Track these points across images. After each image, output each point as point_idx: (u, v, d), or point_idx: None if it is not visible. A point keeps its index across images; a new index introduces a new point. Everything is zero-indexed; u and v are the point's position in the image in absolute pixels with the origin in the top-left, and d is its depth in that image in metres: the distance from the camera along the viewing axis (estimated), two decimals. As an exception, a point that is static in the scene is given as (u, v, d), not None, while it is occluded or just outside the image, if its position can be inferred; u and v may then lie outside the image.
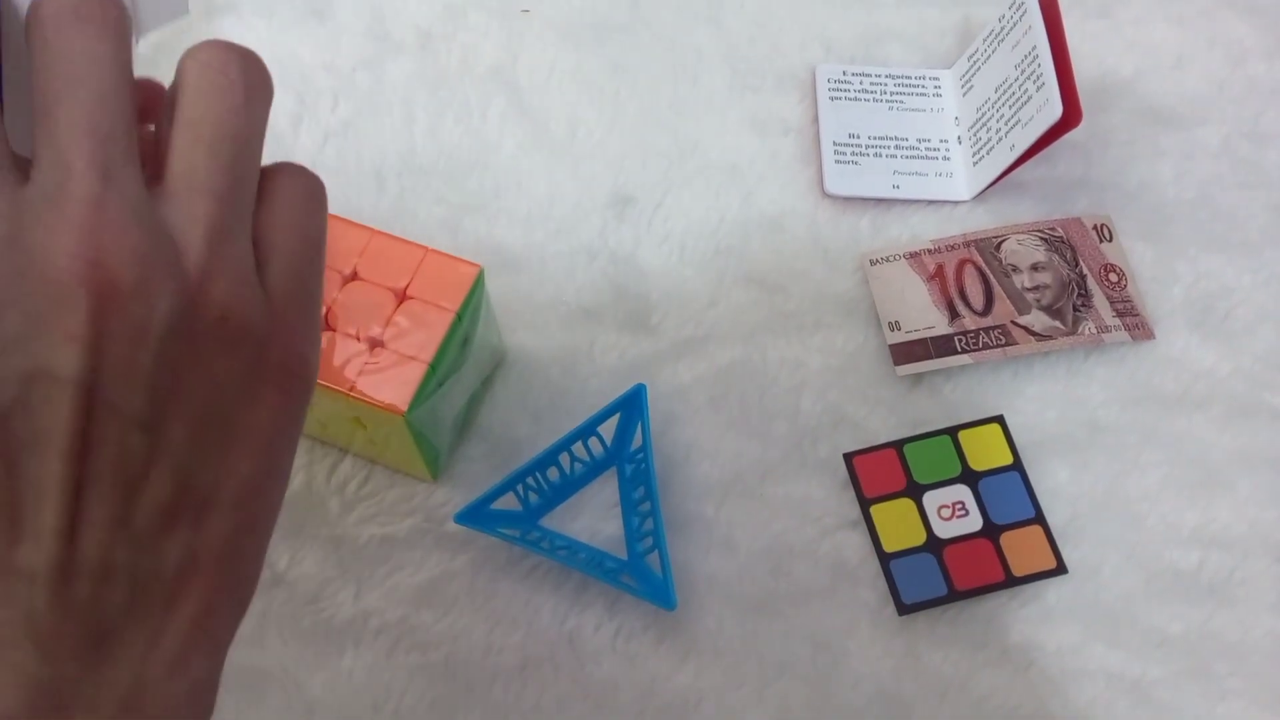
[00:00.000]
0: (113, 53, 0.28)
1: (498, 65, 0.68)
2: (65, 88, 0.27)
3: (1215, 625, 0.54)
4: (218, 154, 0.29)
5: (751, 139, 0.66)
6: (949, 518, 0.56)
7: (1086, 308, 0.60)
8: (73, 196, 0.26)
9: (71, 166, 0.26)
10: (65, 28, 0.27)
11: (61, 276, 0.26)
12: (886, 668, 0.53)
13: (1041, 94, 0.59)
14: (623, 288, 0.62)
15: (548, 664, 0.53)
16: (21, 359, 0.26)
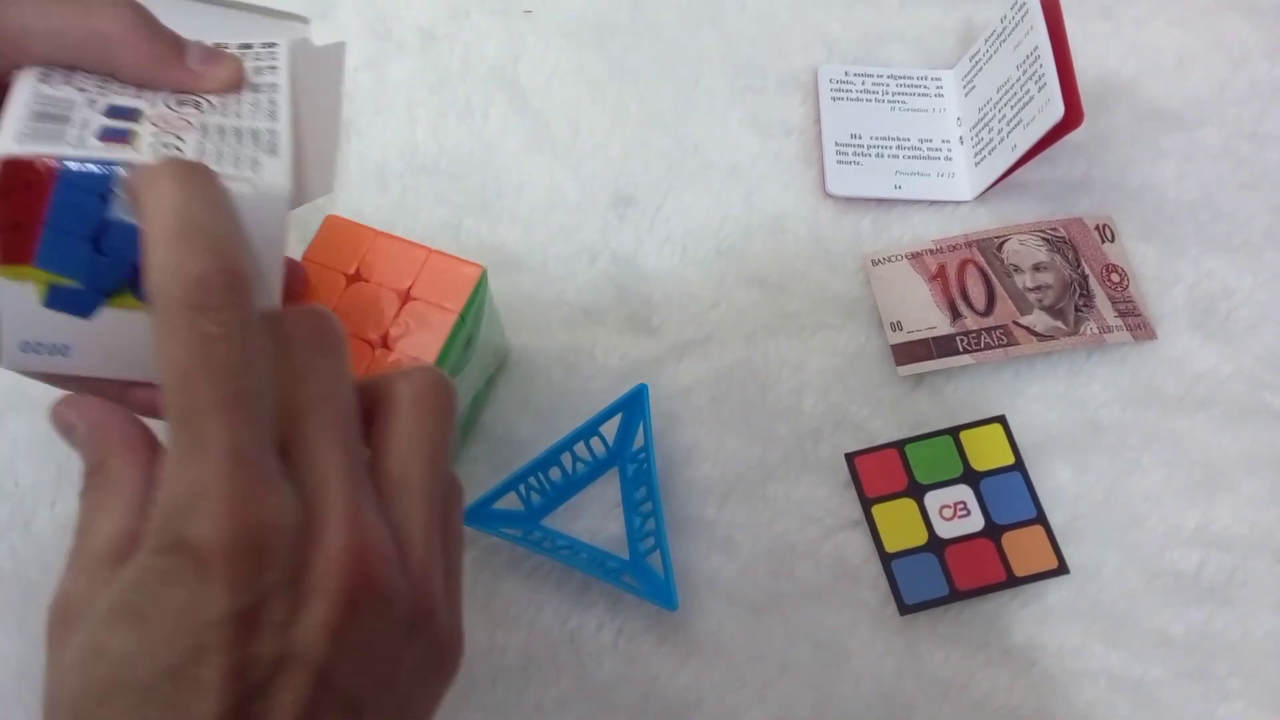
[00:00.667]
0: (349, 373, 0.33)
1: (500, 66, 0.68)
2: (314, 403, 0.31)
3: (1216, 626, 0.54)
4: (434, 465, 0.33)
5: (753, 139, 0.66)
6: (950, 518, 0.56)
7: (1088, 308, 0.60)
8: (338, 503, 0.30)
9: (329, 479, 0.30)
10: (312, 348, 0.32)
11: (332, 571, 0.29)
12: (888, 668, 0.53)
13: (1043, 94, 0.59)
14: (624, 288, 0.62)
15: (549, 664, 0.53)
16: (280, 644, 0.29)
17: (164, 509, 0.29)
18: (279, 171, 0.34)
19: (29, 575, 0.55)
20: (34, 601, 0.54)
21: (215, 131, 0.35)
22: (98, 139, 0.32)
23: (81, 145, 0.32)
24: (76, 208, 0.32)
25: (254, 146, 0.35)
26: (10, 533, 0.56)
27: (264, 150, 0.35)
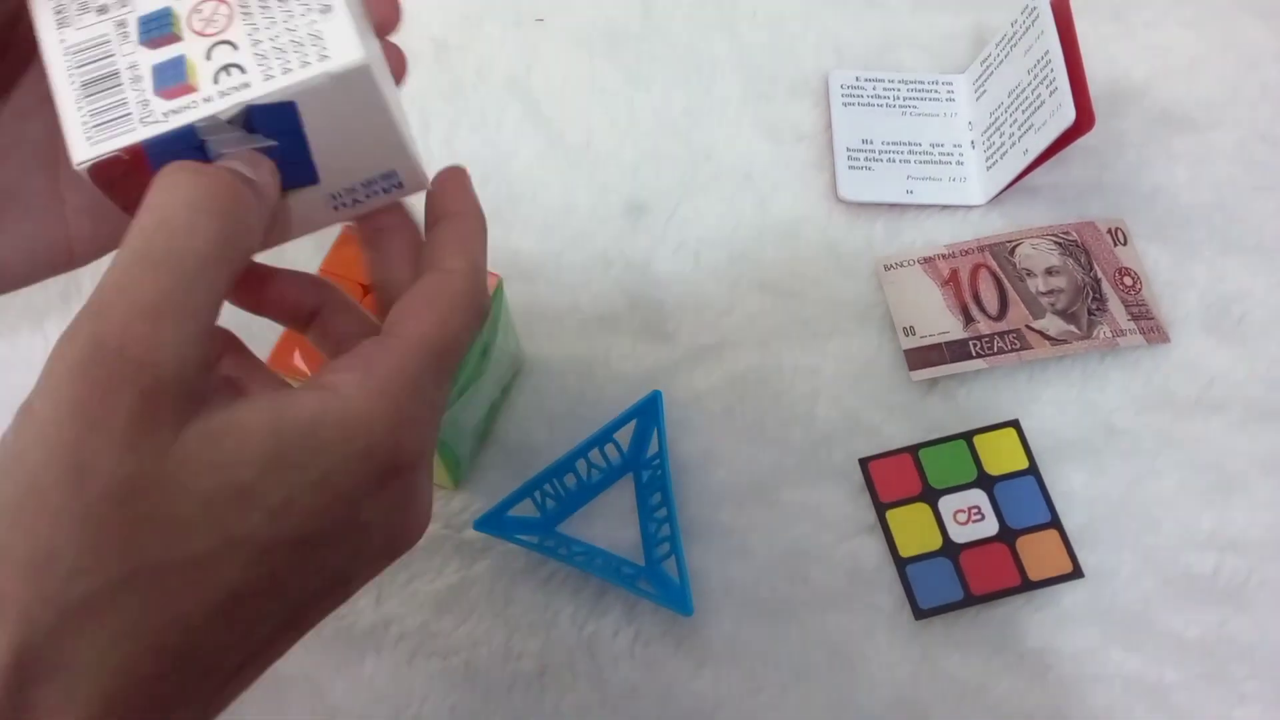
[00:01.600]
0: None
1: (513, 75, 0.69)
2: None
3: (1232, 629, 0.54)
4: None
5: (765, 146, 0.67)
6: (965, 522, 0.56)
7: (1101, 311, 0.60)
8: None
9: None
10: None
11: None
12: (903, 672, 0.53)
13: (1055, 98, 0.59)
14: (638, 295, 0.62)
15: (566, 670, 0.53)
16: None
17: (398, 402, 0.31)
18: (346, 35, 0.31)
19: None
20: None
21: (259, 5, 0.32)
22: (157, 94, 0.31)
23: (148, 116, 0.31)
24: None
25: (303, 7, 0.32)
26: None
27: (317, 10, 0.32)
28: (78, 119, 0.31)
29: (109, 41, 0.32)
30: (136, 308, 0.27)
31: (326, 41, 0.31)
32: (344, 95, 0.31)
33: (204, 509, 0.27)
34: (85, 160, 0.30)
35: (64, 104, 0.31)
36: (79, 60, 0.32)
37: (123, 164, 0.30)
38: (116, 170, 0.31)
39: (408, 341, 0.31)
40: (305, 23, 0.31)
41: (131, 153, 0.30)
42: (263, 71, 0.31)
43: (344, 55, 0.31)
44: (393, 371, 0.30)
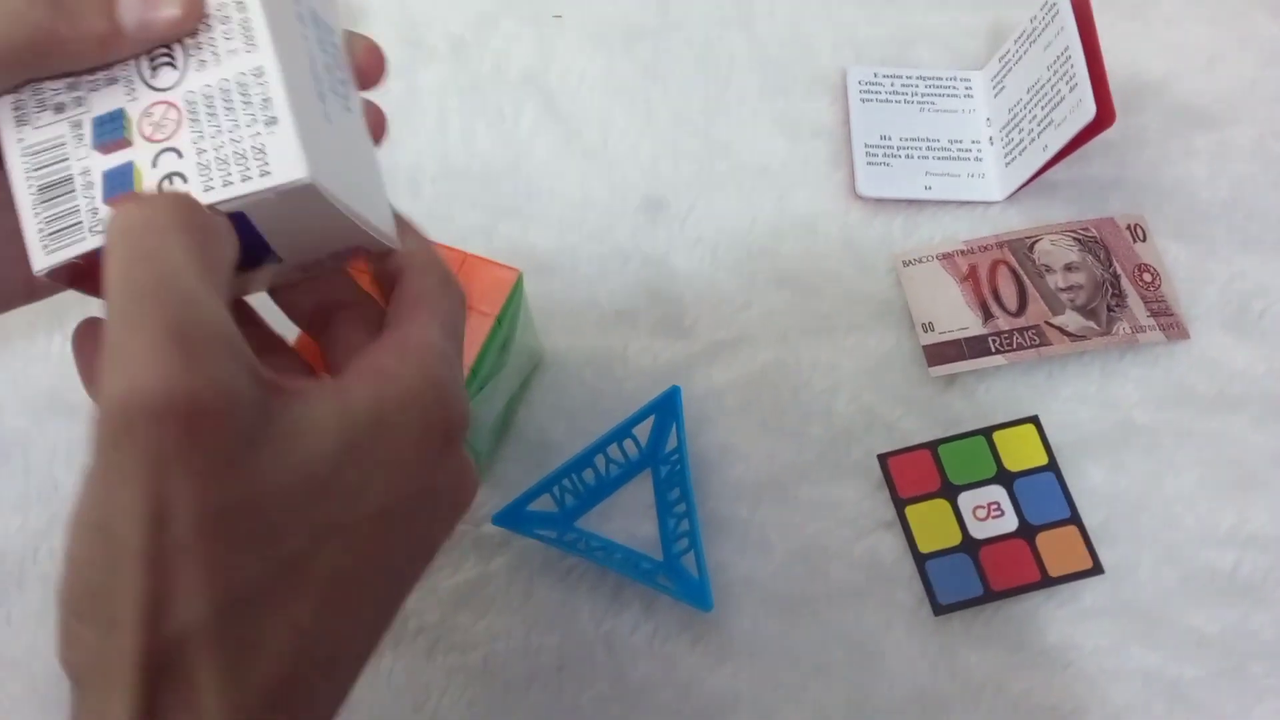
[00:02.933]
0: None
1: (530, 71, 0.69)
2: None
3: (1252, 625, 0.54)
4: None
5: (783, 142, 0.67)
6: (984, 518, 0.56)
7: (1121, 308, 0.60)
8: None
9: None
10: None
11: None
12: (923, 668, 0.53)
13: (1075, 94, 0.59)
14: (656, 290, 0.62)
15: (585, 665, 0.53)
16: None
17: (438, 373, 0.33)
18: (290, 150, 0.31)
19: (70, 578, 0.55)
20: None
21: (205, 112, 0.31)
22: (106, 202, 0.31)
23: (97, 225, 0.31)
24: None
25: (249, 116, 0.31)
26: (50, 536, 0.56)
27: (262, 122, 0.31)
28: (34, 225, 0.32)
29: (64, 144, 0.32)
30: (158, 345, 0.26)
31: (269, 156, 0.31)
32: (291, 203, 0.31)
33: (287, 512, 0.28)
34: (42, 268, 0.31)
35: (22, 208, 0.32)
36: (35, 163, 0.32)
37: (79, 266, 0.31)
38: (75, 271, 0.32)
39: (422, 324, 0.33)
40: (250, 134, 0.31)
41: (86, 259, 0.31)
42: (203, 182, 0.31)
43: (287, 172, 0.31)
44: (425, 348, 0.32)
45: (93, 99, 0.32)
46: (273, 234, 0.32)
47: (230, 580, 0.27)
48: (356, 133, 0.36)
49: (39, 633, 0.54)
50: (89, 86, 0.32)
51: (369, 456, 0.30)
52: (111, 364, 0.27)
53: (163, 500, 0.26)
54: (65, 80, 0.33)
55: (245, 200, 0.31)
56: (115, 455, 0.26)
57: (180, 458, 0.26)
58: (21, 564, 0.56)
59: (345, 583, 0.30)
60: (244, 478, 0.27)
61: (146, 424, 0.26)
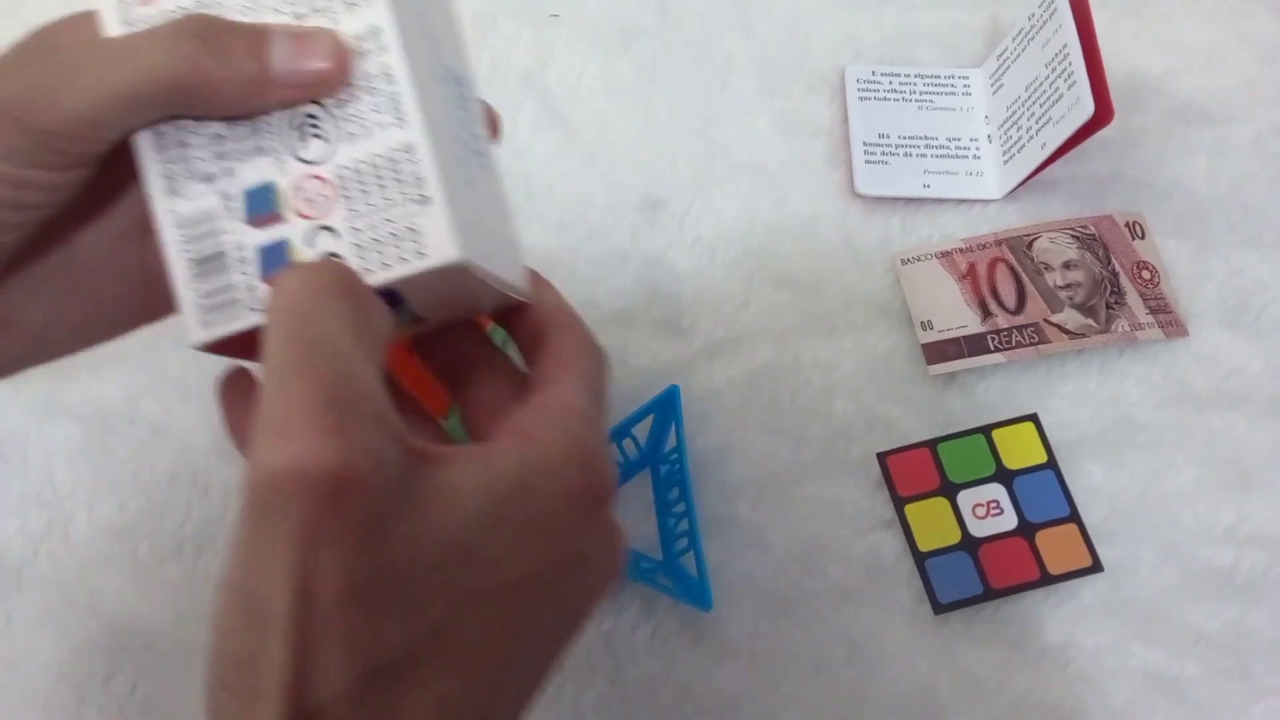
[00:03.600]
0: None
1: (528, 71, 0.69)
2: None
3: (1252, 623, 0.54)
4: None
5: (781, 141, 0.67)
6: (984, 516, 0.56)
7: (1119, 305, 0.60)
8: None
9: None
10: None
11: None
12: (923, 667, 0.53)
13: (1073, 92, 0.59)
14: (655, 291, 0.62)
15: (585, 665, 0.53)
16: None
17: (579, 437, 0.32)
18: (442, 231, 0.31)
19: (68, 579, 0.55)
20: (73, 606, 0.54)
21: (358, 189, 0.32)
22: (262, 277, 0.32)
23: (255, 304, 0.32)
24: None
25: (401, 195, 0.31)
26: (49, 538, 0.56)
27: (415, 201, 0.31)
28: (191, 300, 0.32)
29: (216, 218, 0.32)
30: (312, 415, 0.27)
31: (423, 237, 0.31)
32: (442, 279, 0.32)
33: (430, 581, 0.28)
34: (199, 343, 0.32)
35: (177, 281, 0.32)
36: (189, 235, 0.32)
37: (232, 340, 0.32)
38: (227, 344, 0.32)
39: (565, 385, 0.33)
40: (403, 214, 0.31)
41: (243, 334, 0.32)
42: (360, 264, 0.31)
43: (440, 253, 0.31)
44: (569, 410, 0.32)
45: (241, 169, 0.32)
46: (417, 301, 0.33)
47: (373, 651, 0.27)
48: (494, 187, 0.36)
49: (38, 635, 0.54)
50: (237, 156, 0.32)
51: (512, 523, 0.30)
52: (265, 431, 0.27)
53: (310, 572, 0.26)
54: (213, 149, 0.32)
55: (401, 281, 0.31)
56: (266, 524, 0.27)
57: (329, 530, 0.26)
58: (20, 566, 0.56)
59: (489, 652, 0.30)
60: (389, 548, 0.27)
61: (298, 495, 0.26)
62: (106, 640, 0.54)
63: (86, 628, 0.54)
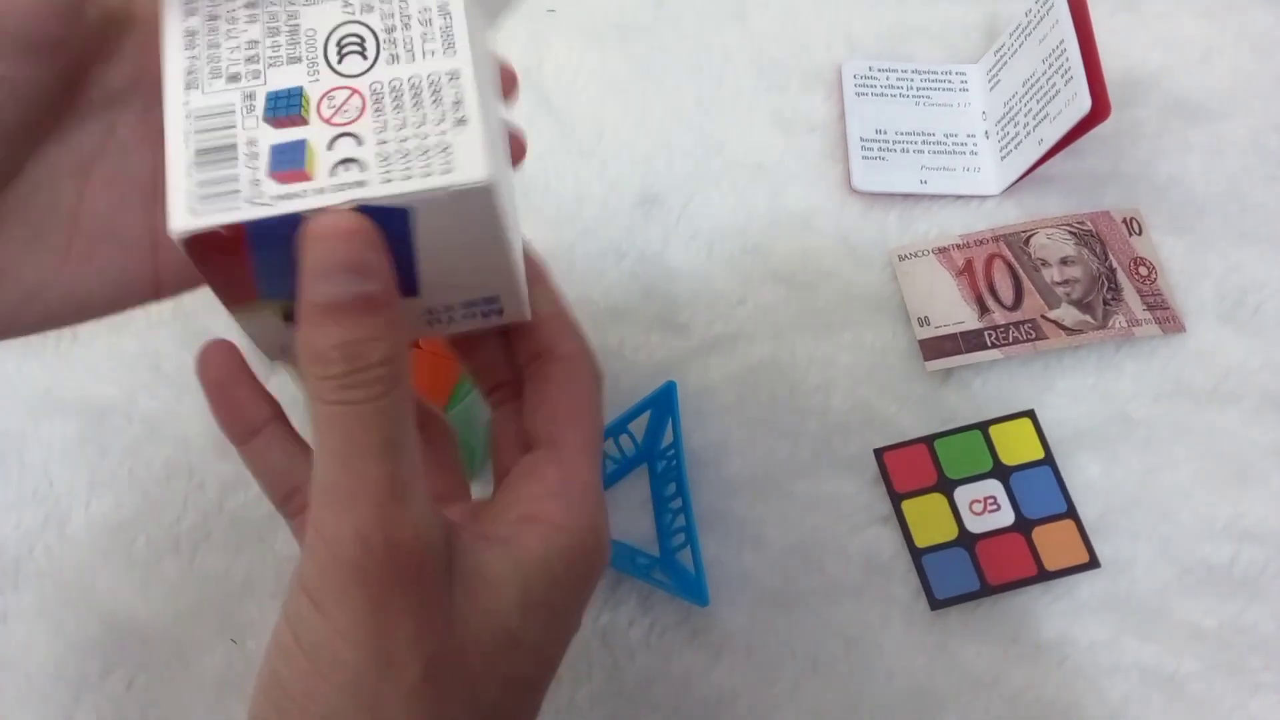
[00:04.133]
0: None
1: (523, 67, 0.68)
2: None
3: (1249, 619, 0.54)
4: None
5: (778, 136, 0.67)
6: (980, 512, 0.56)
7: (1116, 301, 0.60)
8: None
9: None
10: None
11: None
12: (919, 663, 0.53)
13: (1070, 88, 0.59)
14: (651, 287, 0.62)
15: (582, 661, 0.53)
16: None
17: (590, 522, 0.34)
18: (475, 152, 0.30)
19: (64, 577, 0.55)
20: (69, 603, 0.54)
21: (391, 104, 0.31)
22: (271, 175, 0.30)
23: (257, 197, 0.30)
24: (275, 250, 0.30)
25: (438, 114, 0.31)
26: (45, 534, 0.56)
27: (451, 121, 0.30)
28: (184, 186, 0.30)
29: (233, 112, 0.31)
30: (380, 495, 0.28)
31: (454, 154, 0.30)
32: (461, 211, 0.30)
33: (488, 663, 0.31)
34: (184, 230, 0.29)
35: (174, 168, 0.30)
36: (199, 126, 0.31)
37: (220, 239, 0.30)
38: (212, 244, 0.30)
39: (576, 451, 0.35)
40: (436, 130, 0.30)
41: (232, 230, 0.29)
42: (382, 173, 0.30)
43: (469, 172, 0.30)
44: (581, 489, 0.34)
45: (271, 74, 0.31)
46: (427, 250, 0.31)
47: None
48: (506, 150, 0.35)
49: (35, 631, 0.54)
50: (269, 61, 0.31)
51: (546, 610, 0.32)
52: (330, 503, 0.28)
53: (390, 640, 0.29)
54: (245, 53, 0.31)
55: (422, 196, 0.30)
56: (344, 596, 0.28)
57: (404, 605, 0.29)
58: (17, 563, 0.56)
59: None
60: (448, 629, 0.30)
61: (376, 562, 0.28)
62: (103, 636, 0.54)
63: (83, 624, 0.54)
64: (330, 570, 0.28)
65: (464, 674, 0.30)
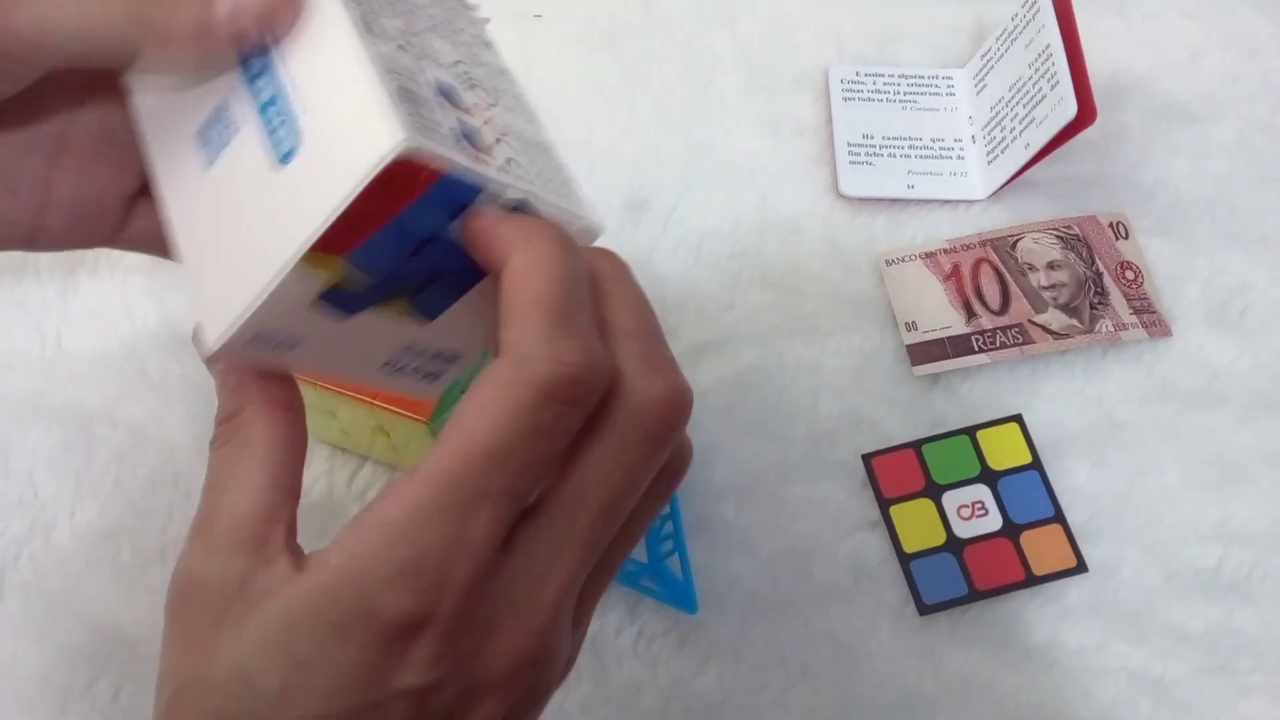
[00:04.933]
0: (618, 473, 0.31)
1: (511, 71, 0.68)
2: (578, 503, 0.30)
3: (1236, 622, 0.54)
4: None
5: (766, 141, 0.67)
6: (968, 517, 0.56)
7: (1103, 305, 0.60)
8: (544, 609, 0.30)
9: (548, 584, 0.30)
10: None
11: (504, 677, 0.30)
12: (908, 668, 0.53)
13: (1056, 92, 0.59)
14: (639, 291, 0.62)
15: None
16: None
17: (365, 558, 0.27)
18: (588, 203, 0.32)
19: (50, 585, 0.55)
20: (55, 612, 0.54)
21: (515, 136, 0.31)
22: (465, 139, 0.29)
23: (458, 148, 0.28)
24: (429, 215, 0.28)
25: (550, 164, 0.32)
26: (31, 543, 0.56)
27: (557, 171, 0.32)
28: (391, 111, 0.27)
29: (415, 75, 0.29)
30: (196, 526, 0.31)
31: (579, 197, 0.32)
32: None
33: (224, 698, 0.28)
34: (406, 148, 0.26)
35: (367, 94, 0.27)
36: (392, 72, 0.28)
37: (412, 172, 0.27)
38: (400, 176, 0.27)
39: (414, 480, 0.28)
40: (558, 177, 0.32)
41: (429, 172, 0.27)
42: (544, 185, 0.30)
43: (594, 216, 0.32)
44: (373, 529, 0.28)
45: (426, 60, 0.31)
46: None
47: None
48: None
49: (20, 641, 0.54)
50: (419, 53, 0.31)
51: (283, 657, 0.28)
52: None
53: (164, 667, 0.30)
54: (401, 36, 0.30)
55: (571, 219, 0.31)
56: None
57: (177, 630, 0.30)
58: (2, 572, 0.55)
59: None
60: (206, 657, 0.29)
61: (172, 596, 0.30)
62: (89, 645, 0.54)
63: (69, 633, 0.54)
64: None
65: (200, 706, 0.28)
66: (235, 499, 0.30)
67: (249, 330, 0.29)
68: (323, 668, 0.27)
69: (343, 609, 0.27)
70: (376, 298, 0.30)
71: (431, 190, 0.28)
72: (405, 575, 0.27)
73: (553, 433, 0.28)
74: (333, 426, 0.54)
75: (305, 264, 0.28)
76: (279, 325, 0.30)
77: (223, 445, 0.31)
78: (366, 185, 0.27)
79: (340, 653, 0.27)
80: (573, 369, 0.27)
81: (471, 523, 0.27)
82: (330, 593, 0.27)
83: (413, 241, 0.29)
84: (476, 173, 0.28)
